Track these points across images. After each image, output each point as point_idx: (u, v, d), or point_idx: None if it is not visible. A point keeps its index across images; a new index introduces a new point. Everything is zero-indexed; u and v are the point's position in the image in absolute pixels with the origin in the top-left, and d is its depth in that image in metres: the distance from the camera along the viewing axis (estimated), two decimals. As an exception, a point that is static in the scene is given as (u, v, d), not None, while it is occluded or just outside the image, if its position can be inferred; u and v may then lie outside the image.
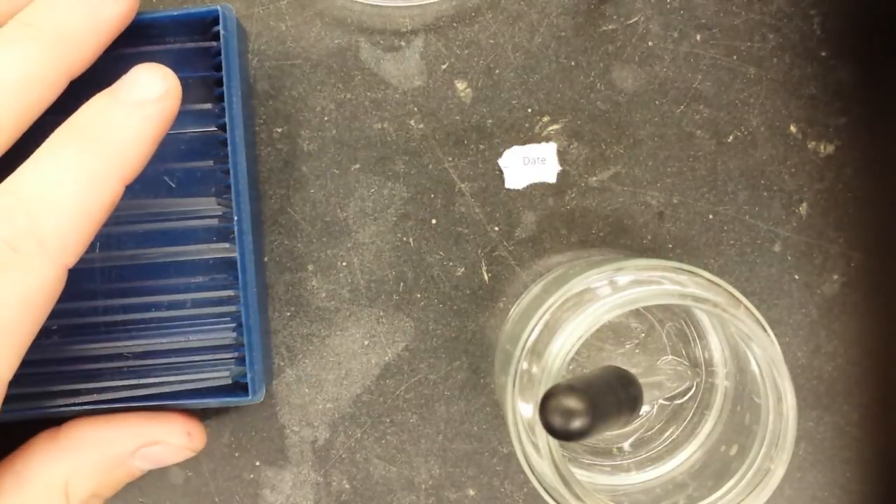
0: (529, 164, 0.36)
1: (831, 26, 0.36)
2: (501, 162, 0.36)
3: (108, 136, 0.28)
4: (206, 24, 0.33)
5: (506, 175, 0.36)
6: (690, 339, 0.34)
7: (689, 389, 0.34)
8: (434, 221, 0.36)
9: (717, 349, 0.33)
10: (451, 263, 0.36)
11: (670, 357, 0.34)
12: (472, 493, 0.36)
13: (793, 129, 0.36)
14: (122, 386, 0.32)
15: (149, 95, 0.28)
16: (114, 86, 0.29)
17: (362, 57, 0.36)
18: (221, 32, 0.32)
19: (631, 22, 0.36)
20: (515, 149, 0.36)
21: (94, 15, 0.29)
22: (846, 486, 0.36)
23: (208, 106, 0.33)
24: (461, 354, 0.36)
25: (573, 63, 0.36)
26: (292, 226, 0.36)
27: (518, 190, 0.36)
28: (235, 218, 0.32)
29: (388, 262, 0.36)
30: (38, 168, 0.27)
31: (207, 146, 0.34)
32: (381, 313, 0.36)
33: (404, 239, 0.36)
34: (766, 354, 0.27)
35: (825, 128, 0.36)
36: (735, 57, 0.36)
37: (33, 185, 0.26)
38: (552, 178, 0.36)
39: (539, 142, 0.36)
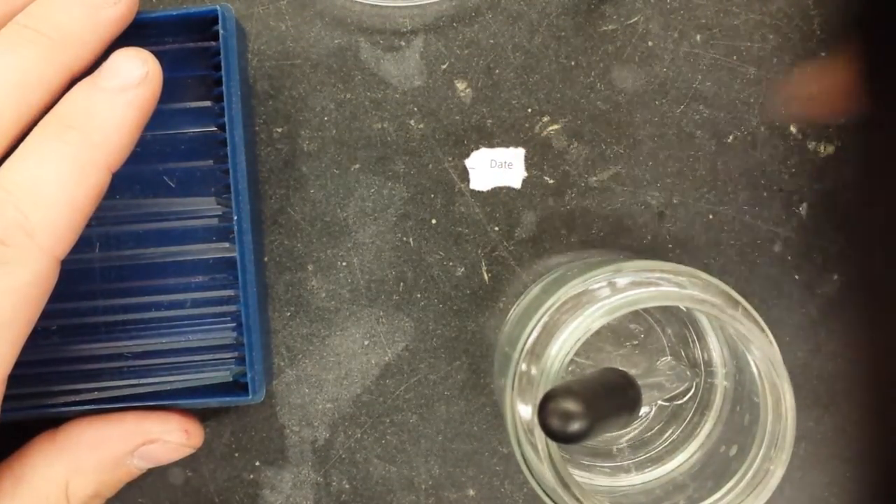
0: (496, 168, 0.36)
1: (832, 27, 0.36)
2: (468, 162, 0.36)
3: (92, 124, 0.27)
4: (205, 24, 0.33)
5: (471, 176, 0.36)
6: (689, 339, 0.34)
7: (688, 390, 0.34)
8: (434, 221, 0.36)
9: (716, 350, 0.33)
10: (451, 263, 0.36)
11: (669, 358, 0.34)
12: (471, 493, 0.36)
13: (793, 129, 0.36)
14: (123, 386, 0.33)
15: (129, 80, 0.28)
16: (94, 73, 0.29)
17: (362, 57, 0.36)
18: (220, 32, 0.32)
19: (631, 22, 0.36)
20: (483, 150, 0.36)
21: (94, 17, 0.29)
22: (846, 485, 0.36)
23: (208, 104, 0.33)
24: (461, 354, 0.36)
25: (573, 63, 0.36)
26: (292, 226, 0.36)
27: (483, 192, 0.36)
28: (235, 217, 0.32)
29: (388, 262, 0.36)
30: (24, 161, 0.27)
31: (207, 146, 0.34)
32: (381, 313, 0.36)
33: (404, 239, 0.36)
34: (765, 355, 0.27)
35: (825, 128, 0.36)
36: (735, 57, 0.36)
37: (20, 179, 0.26)
38: (517, 184, 0.36)
39: (539, 142, 0.36)
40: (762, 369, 0.28)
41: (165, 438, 0.32)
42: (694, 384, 0.34)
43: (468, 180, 0.36)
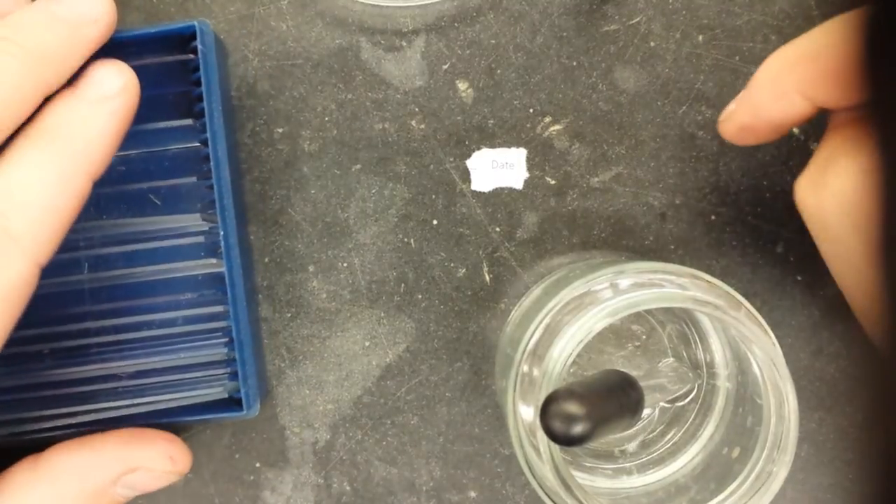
0: (497, 168, 0.36)
1: (834, 27, 0.36)
2: (470, 163, 0.36)
3: (74, 134, 0.28)
4: (183, 40, 0.33)
5: (473, 176, 0.36)
6: (692, 341, 0.34)
7: (690, 392, 0.34)
8: (435, 222, 0.36)
9: (718, 351, 0.33)
10: (452, 264, 0.36)
11: (671, 359, 0.34)
12: (473, 494, 0.36)
13: (795, 129, 0.36)
14: (118, 406, 0.32)
15: (109, 91, 0.29)
16: (75, 85, 0.29)
17: (363, 57, 0.36)
18: (199, 48, 0.32)
19: (633, 22, 0.36)
20: (485, 151, 0.36)
21: (74, 34, 0.29)
22: (849, 487, 0.36)
23: (189, 122, 0.33)
24: (462, 356, 0.36)
25: (575, 63, 0.36)
26: (293, 226, 0.36)
27: (484, 192, 0.36)
28: (221, 233, 0.32)
29: (388, 263, 0.36)
30: (8, 168, 0.27)
31: (191, 162, 0.34)
32: (382, 314, 0.36)
33: (405, 240, 0.36)
34: (768, 357, 0.27)
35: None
36: (737, 58, 0.36)
37: (4, 185, 0.27)
38: (519, 185, 0.36)
39: (540, 142, 0.36)
40: (765, 371, 0.28)
41: (149, 466, 0.32)
42: (696, 386, 0.34)
43: (469, 181, 0.36)
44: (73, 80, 0.29)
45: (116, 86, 0.29)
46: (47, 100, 0.29)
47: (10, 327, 0.27)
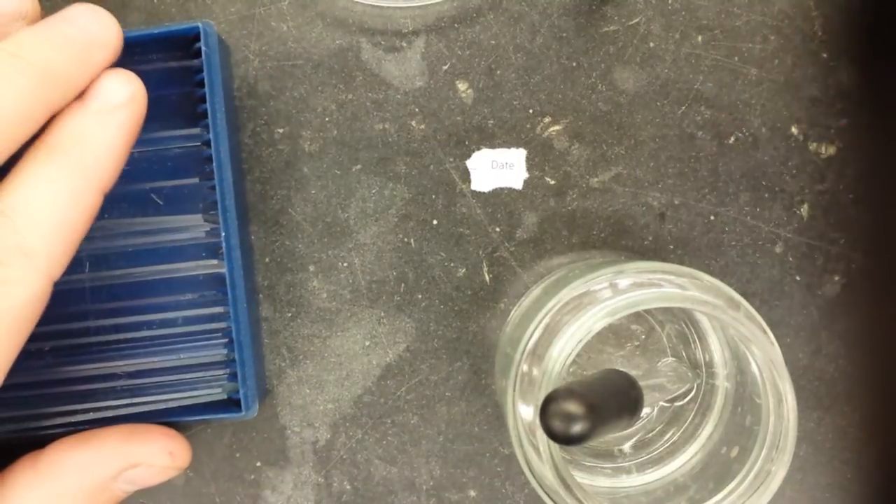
0: (497, 169, 0.36)
1: (832, 28, 0.36)
2: (469, 163, 0.36)
3: (83, 147, 0.28)
4: (187, 42, 0.33)
5: (472, 177, 0.36)
6: (691, 340, 0.34)
7: (689, 391, 0.34)
8: (435, 222, 0.36)
9: (717, 350, 0.33)
10: (452, 264, 0.36)
11: (671, 359, 0.34)
12: (473, 494, 0.36)
13: (794, 130, 0.36)
14: (116, 405, 0.33)
15: (116, 102, 0.29)
16: (83, 97, 0.29)
17: (363, 57, 0.36)
18: (203, 49, 0.32)
19: (632, 23, 0.36)
20: (485, 151, 0.36)
21: (82, 55, 0.29)
22: (847, 487, 0.36)
23: (193, 121, 0.34)
24: (462, 355, 0.36)
25: (574, 64, 0.36)
26: (293, 226, 0.36)
27: (484, 192, 0.36)
28: (223, 234, 0.32)
29: (389, 263, 0.36)
30: (19, 185, 0.27)
31: (193, 162, 0.34)
32: (382, 314, 0.36)
33: (405, 240, 0.36)
34: (766, 356, 0.27)
35: (826, 129, 0.36)
36: (736, 58, 0.36)
37: (17, 202, 0.27)
38: (518, 185, 0.36)
39: (540, 143, 0.36)
40: (763, 370, 0.28)
41: (149, 462, 0.32)
42: (695, 385, 0.34)
43: (469, 181, 0.36)
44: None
45: (124, 96, 0.29)
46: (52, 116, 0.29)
47: (23, 342, 0.27)
